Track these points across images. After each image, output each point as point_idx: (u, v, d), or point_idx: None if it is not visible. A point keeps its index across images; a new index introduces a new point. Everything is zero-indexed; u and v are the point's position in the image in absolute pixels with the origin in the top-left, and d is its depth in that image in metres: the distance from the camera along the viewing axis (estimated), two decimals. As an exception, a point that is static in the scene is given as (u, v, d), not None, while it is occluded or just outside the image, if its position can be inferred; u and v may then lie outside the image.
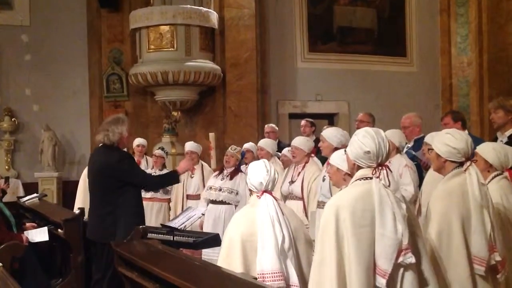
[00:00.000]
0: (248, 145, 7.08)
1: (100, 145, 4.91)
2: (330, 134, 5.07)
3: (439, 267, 3.09)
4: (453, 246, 3.12)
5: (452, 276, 3.10)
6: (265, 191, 3.42)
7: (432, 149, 3.46)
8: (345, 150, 3.19)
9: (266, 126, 8.65)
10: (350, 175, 3.52)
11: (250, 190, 3.53)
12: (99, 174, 4.89)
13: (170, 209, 7.53)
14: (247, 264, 3.27)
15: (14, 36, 10.57)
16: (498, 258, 3.16)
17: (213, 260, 5.90)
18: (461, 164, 3.29)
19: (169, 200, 7.57)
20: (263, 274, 3.19)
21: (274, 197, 3.43)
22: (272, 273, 3.18)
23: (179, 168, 5.23)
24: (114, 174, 4.77)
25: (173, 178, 5.28)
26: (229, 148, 6.63)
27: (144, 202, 7.19)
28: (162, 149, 7.71)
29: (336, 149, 4.82)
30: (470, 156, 3.33)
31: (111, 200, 4.80)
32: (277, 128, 8.56)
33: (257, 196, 3.42)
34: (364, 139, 2.83)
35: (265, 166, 3.48)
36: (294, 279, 3.23)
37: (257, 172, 3.46)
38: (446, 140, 3.33)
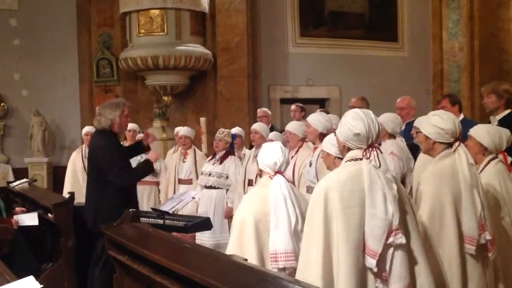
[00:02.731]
0: (236, 130, 7.06)
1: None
2: (314, 119, 5.04)
3: (431, 246, 3.11)
4: (445, 226, 3.14)
5: (444, 255, 3.13)
6: (278, 172, 3.40)
7: (421, 132, 3.45)
8: (334, 133, 3.18)
9: (258, 110, 8.54)
10: (341, 159, 3.54)
11: (261, 170, 3.50)
12: (90, 158, 5.03)
13: (159, 192, 7.53)
14: (260, 245, 3.25)
15: (2, 20, 10.47)
16: (488, 237, 3.19)
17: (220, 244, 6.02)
18: (450, 145, 3.30)
19: (158, 183, 7.58)
20: (276, 254, 3.18)
21: (286, 179, 3.42)
22: (285, 253, 3.17)
23: (150, 157, 5.16)
24: (98, 159, 4.83)
25: (147, 169, 5.13)
26: (217, 133, 6.65)
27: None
28: (141, 132, 7.71)
29: (321, 134, 4.81)
30: (459, 137, 3.33)
31: (97, 185, 4.87)
32: (269, 112, 8.47)
33: (270, 177, 3.40)
34: (354, 121, 2.82)
35: (280, 147, 3.48)
36: None
37: (272, 152, 3.44)
38: (433, 122, 3.34)
